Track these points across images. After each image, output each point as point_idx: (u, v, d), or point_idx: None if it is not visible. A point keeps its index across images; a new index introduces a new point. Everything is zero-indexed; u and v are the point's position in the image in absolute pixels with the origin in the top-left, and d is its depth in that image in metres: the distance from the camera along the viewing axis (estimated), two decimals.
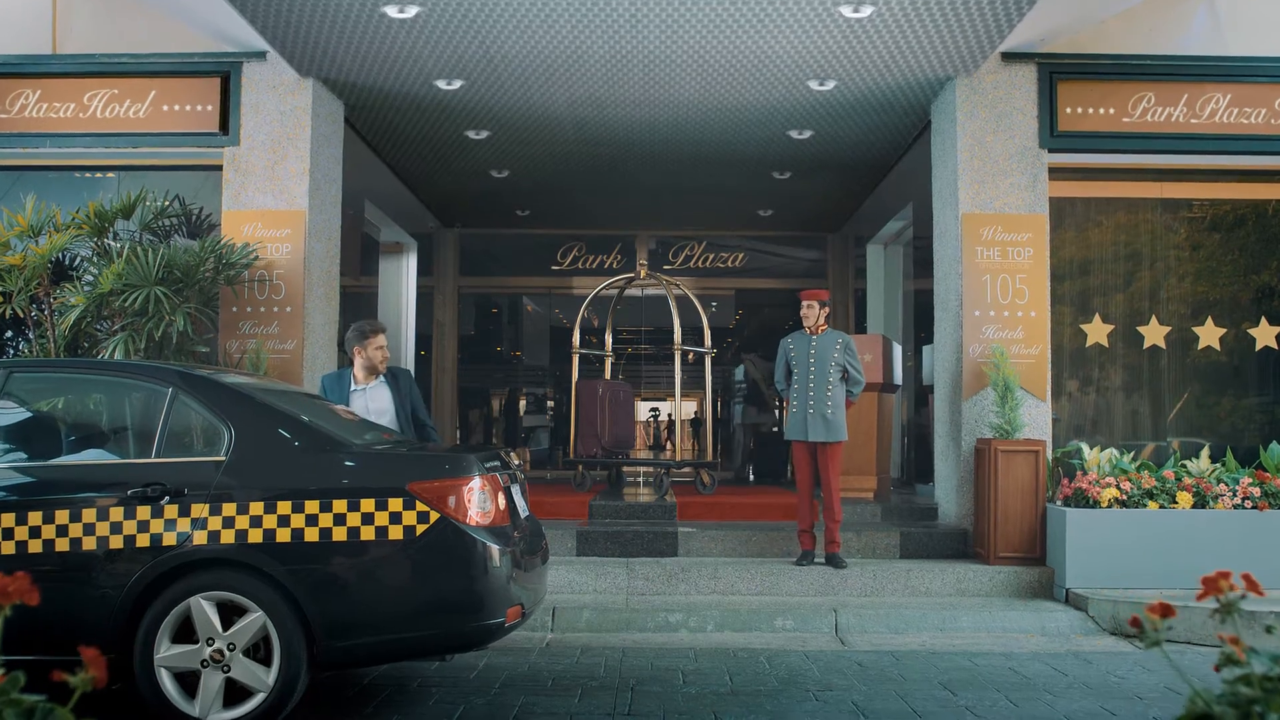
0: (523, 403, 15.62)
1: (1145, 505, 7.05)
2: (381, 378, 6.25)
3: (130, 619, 4.19)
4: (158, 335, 7.06)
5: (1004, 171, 8.05)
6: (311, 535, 4.22)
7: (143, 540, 4.22)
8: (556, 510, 8.52)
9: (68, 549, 4.22)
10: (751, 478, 12.11)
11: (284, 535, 4.21)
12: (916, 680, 5.34)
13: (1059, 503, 7.32)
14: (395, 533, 4.24)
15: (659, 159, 10.50)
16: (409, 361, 13.07)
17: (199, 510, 4.24)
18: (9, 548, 4.22)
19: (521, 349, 15.47)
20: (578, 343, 10.02)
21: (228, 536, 4.21)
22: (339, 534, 4.22)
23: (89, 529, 4.23)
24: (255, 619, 4.17)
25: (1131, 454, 7.59)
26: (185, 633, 4.22)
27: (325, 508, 4.24)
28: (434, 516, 4.26)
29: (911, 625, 6.56)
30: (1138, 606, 6.46)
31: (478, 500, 4.38)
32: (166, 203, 8.02)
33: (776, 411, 11.92)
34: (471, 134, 9.73)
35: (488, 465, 4.57)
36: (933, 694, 5.06)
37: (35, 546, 4.21)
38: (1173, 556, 6.89)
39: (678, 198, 12.16)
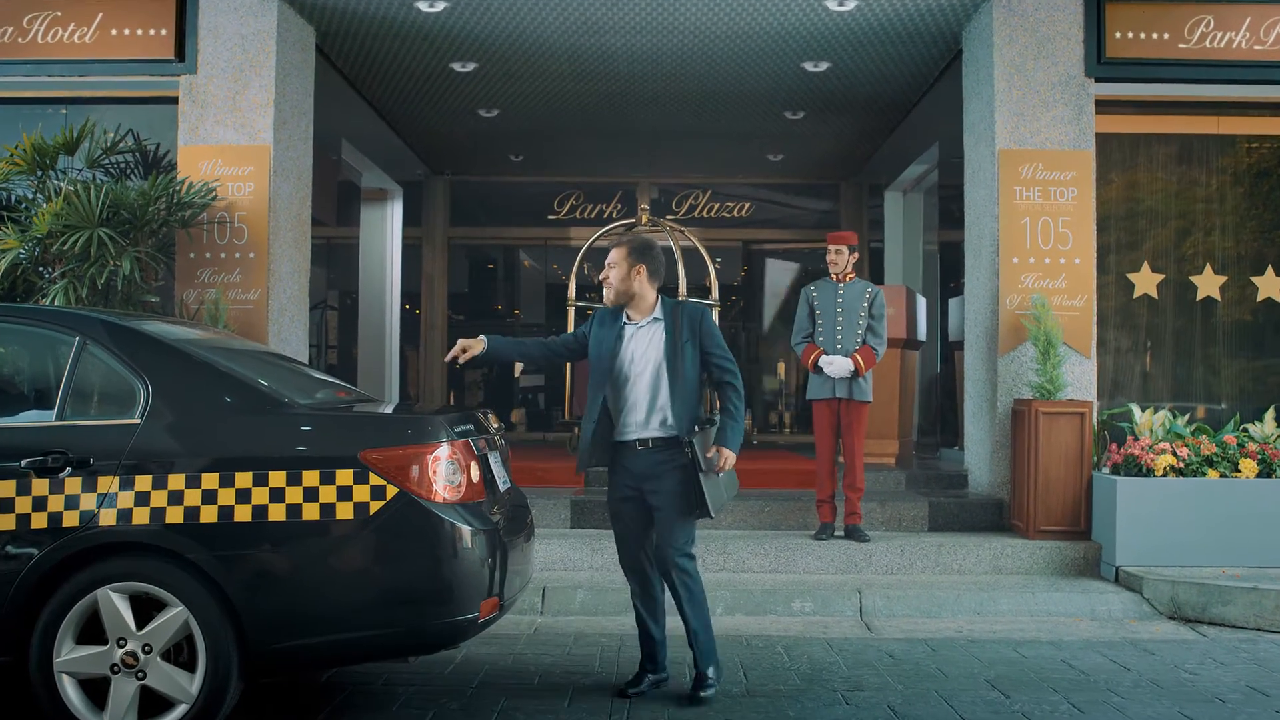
0: (519, 363, 14.85)
1: (1204, 474, 6.32)
2: (656, 315, 4.32)
3: (25, 615, 3.49)
4: (101, 282, 6.32)
5: (1046, 103, 7.24)
6: (243, 514, 3.51)
7: (39, 520, 3.51)
8: (549, 477, 7.81)
9: None
10: None
11: (210, 514, 3.51)
12: (959, 677, 4.64)
13: (1106, 470, 6.59)
14: (344, 511, 3.53)
15: (661, 96, 9.67)
16: (393, 318, 12.30)
17: (106, 484, 3.52)
18: None
19: (517, 305, 14.70)
20: (573, 295, 9.25)
21: (141, 516, 3.50)
22: (276, 512, 3.52)
23: None
24: (175, 615, 3.47)
25: (1186, 417, 6.84)
26: (93, 633, 3.51)
27: (260, 481, 3.53)
28: (391, 491, 3.55)
29: (945, 608, 5.85)
30: (1199, 587, 5.76)
31: (445, 471, 3.65)
32: (118, 137, 7.21)
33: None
34: (457, 66, 8.89)
35: (458, 430, 3.83)
36: (980, 695, 4.35)
37: None
38: (1236, 531, 6.17)
39: (681, 141, 11.33)
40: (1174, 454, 6.34)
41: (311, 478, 3.54)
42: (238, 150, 7.20)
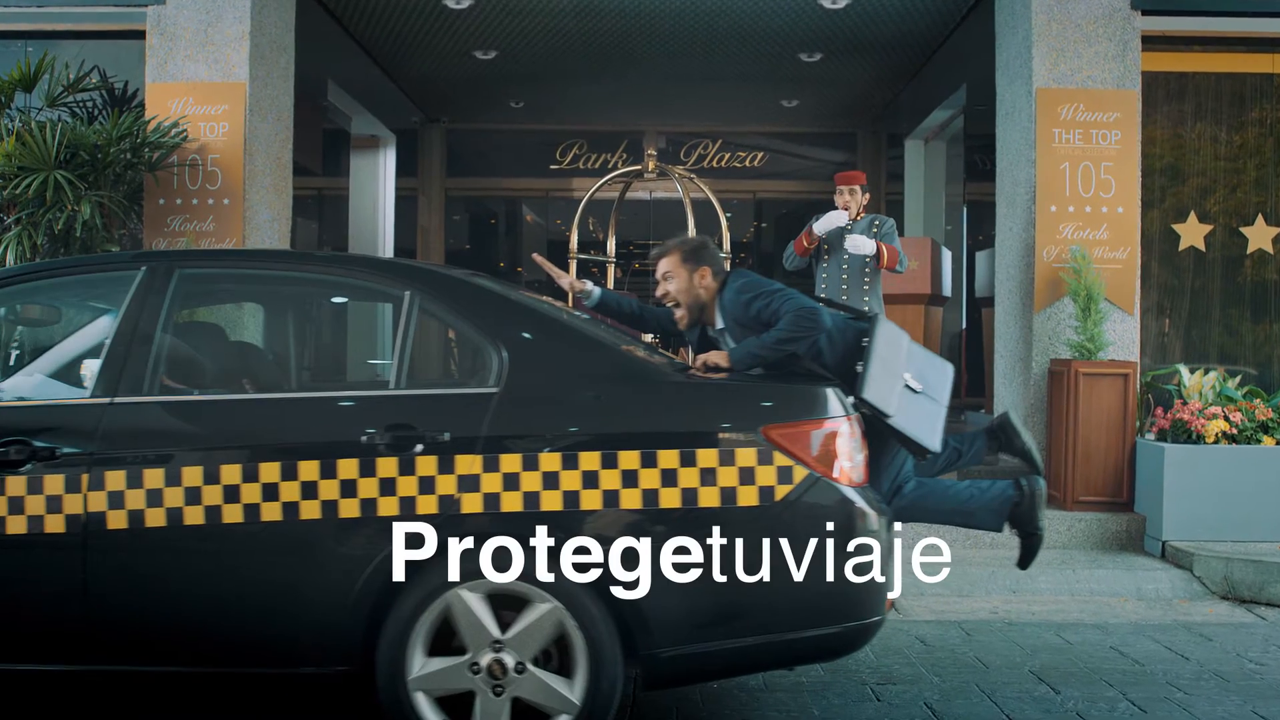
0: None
1: (1260, 441, 5.82)
2: (720, 324, 3.89)
3: (372, 619, 2.98)
4: (59, 229, 5.83)
5: (1088, 38, 6.64)
6: (630, 500, 2.98)
7: (388, 506, 2.96)
8: None
9: (279, 517, 2.98)
10: None
11: (592, 500, 2.98)
12: (1000, 667, 4.18)
13: (1151, 436, 6.08)
14: (747, 496, 3.00)
15: (671, 35, 9.07)
16: None
17: (468, 464, 2.98)
18: (195, 516, 2.97)
19: (518, 259, 14.16)
20: (575, 248, 8.72)
21: (512, 501, 2.97)
22: (668, 498, 2.98)
23: (309, 490, 2.97)
24: (547, 613, 2.95)
25: (1237, 378, 6.32)
26: (447, 641, 3.02)
27: (648, 461, 2.99)
28: (800, 474, 3.02)
29: (978, 586, 5.37)
30: (1256, 565, 5.28)
31: (847, 449, 3.11)
32: (81, 74, 6.67)
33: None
34: (450, 2, 8.30)
35: (850, 401, 3.29)
36: (1027, 690, 3.89)
37: (232, 514, 2.98)
38: None
39: (691, 86, 10.73)
40: (1226, 419, 5.84)
41: (709, 458, 3.00)
42: (210, 87, 6.64)
